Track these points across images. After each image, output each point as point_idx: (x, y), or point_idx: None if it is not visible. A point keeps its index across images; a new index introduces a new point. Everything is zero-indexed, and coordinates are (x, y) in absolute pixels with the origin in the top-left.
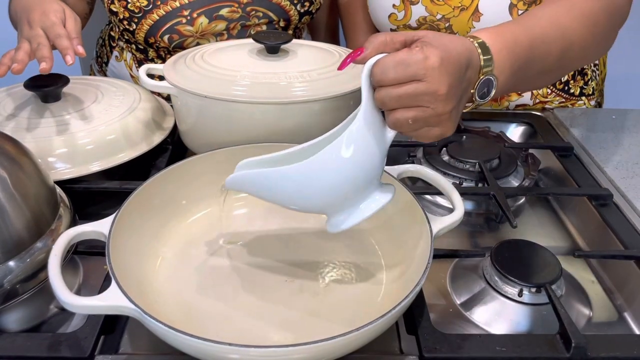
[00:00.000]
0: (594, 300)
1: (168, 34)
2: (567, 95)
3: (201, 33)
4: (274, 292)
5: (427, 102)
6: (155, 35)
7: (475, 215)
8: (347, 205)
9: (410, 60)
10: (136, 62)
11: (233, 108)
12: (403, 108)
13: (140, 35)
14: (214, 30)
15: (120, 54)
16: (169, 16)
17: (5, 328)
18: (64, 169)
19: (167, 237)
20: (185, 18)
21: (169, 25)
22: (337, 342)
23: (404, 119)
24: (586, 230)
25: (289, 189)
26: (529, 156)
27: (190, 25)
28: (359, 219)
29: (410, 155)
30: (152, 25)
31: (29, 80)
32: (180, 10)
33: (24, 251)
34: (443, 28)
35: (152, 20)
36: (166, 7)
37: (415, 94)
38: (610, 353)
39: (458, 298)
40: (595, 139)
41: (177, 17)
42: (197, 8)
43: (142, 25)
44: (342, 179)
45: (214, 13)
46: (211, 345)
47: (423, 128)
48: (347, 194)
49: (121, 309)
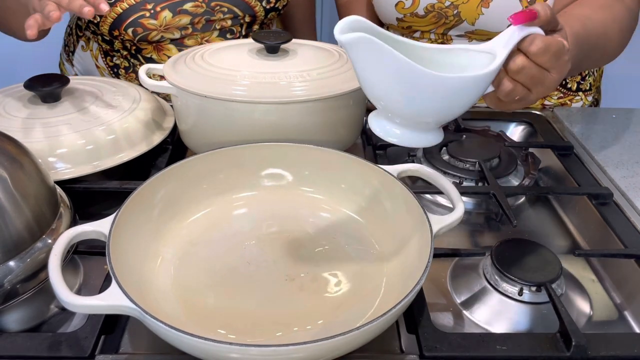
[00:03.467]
0: (594, 299)
1: (132, 27)
2: (565, 90)
3: (165, 27)
4: (274, 291)
5: (543, 92)
6: (119, 28)
7: (475, 215)
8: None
9: (561, 53)
10: (102, 52)
11: (233, 108)
12: (522, 85)
13: (105, 28)
14: (178, 24)
15: (86, 44)
16: (132, 9)
17: (5, 328)
18: (64, 169)
19: (167, 236)
20: (149, 12)
21: (133, 19)
22: (337, 341)
23: (516, 94)
24: (586, 229)
25: (408, 86)
26: (529, 155)
27: (154, 19)
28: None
29: (410, 155)
30: (116, 18)
31: (29, 81)
32: (144, 4)
33: (24, 251)
34: (451, 15)
35: (115, 14)
36: (129, 1)
37: (544, 83)
38: (610, 352)
39: (458, 297)
40: (596, 138)
41: (140, 11)
42: (161, 2)
43: (105, 18)
44: (453, 105)
45: (177, 7)
46: (212, 344)
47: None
48: (438, 118)
49: (122, 308)
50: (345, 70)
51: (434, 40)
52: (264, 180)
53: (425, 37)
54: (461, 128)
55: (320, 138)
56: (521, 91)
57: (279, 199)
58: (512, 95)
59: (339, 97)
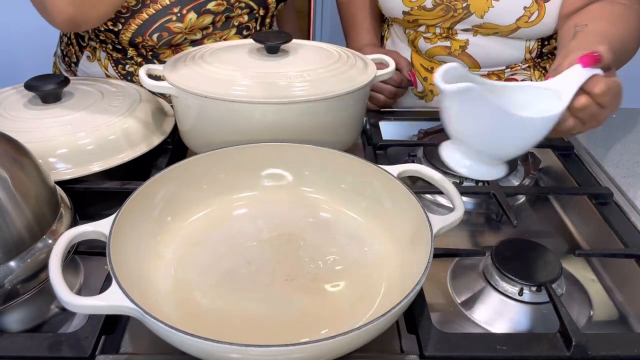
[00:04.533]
0: (594, 299)
1: (157, 32)
2: None
3: (190, 29)
4: (274, 291)
5: (594, 126)
6: (144, 34)
7: (475, 215)
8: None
9: (619, 94)
10: (112, 61)
11: (233, 108)
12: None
13: (126, 35)
14: (202, 24)
15: (92, 54)
16: (158, 15)
17: (6, 328)
18: (65, 170)
19: (168, 237)
20: (176, 15)
21: (159, 24)
22: (337, 341)
23: (574, 130)
24: (586, 229)
25: (499, 129)
26: (529, 155)
27: (180, 22)
28: None
29: (410, 155)
30: (141, 24)
31: (30, 81)
32: (170, 8)
33: (25, 251)
34: (460, 8)
35: (140, 20)
36: (156, 6)
37: (598, 119)
38: (610, 352)
39: (458, 297)
40: (596, 137)
41: (167, 15)
42: (187, 4)
43: (129, 25)
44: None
45: (202, 7)
46: (212, 344)
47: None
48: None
49: (122, 308)
50: (345, 71)
51: (438, 34)
52: (264, 180)
53: (430, 31)
54: None
55: (320, 138)
56: (579, 126)
57: (279, 199)
58: (572, 130)
59: (339, 98)
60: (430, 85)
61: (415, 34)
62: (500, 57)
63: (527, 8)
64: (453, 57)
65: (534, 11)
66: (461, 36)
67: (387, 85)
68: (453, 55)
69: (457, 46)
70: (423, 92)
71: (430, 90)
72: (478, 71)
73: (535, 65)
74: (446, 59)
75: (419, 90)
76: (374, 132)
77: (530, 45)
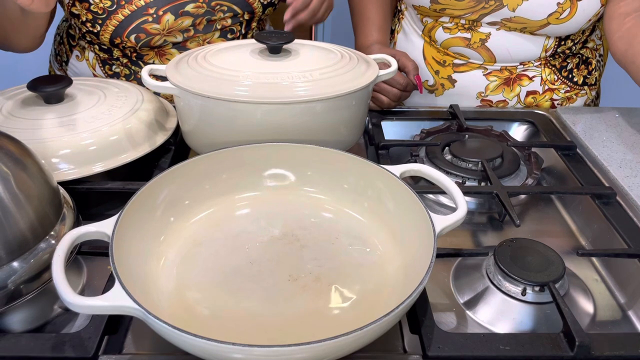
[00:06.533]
0: (597, 298)
1: (134, 34)
2: (571, 83)
3: (168, 30)
4: (277, 291)
5: None
6: (122, 35)
7: (478, 214)
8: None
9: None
10: (99, 61)
11: (235, 108)
12: None
13: (105, 36)
14: (181, 26)
15: (81, 54)
16: (134, 15)
17: (9, 328)
18: (68, 170)
19: (170, 237)
20: (152, 16)
21: (135, 25)
22: (340, 341)
23: None
24: (589, 229)
25: None
26: (532, 155)
27: (157, 23)
28: None
29: (412, 155)
30: (117, 25)
31: (32, 82)
32: (146, 8)
33: (28, 252)
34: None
35: (117, 21)
36: (131, 7)
37: None
38: (614, 352)
39: (461, 297)
40: (599, 137)
41: (142, 16)
42: (163, 5)
43: (106, 26)
44: None
45: (179, 9)
46: (215, 344)
47: None
48: None
49: (125, 309)
50: (348, 71)
51: (461, 25)
52: (267, 180)
53: (454, 22)
54: (464, 128)
55: (322, 138)
56: None
57: (282, 199)
58: None
59: (342, 98)
60: (441, 79)
61: (435, 23)
62: (518, 53)
63: (560, 4)
64: (470, 50)
65: (566, 8)
66: (484, 29)
67: (393, 88)
68: (471, 47)
69: (477, 39)
70: (434, 86)
71: (442, 83)
72: (492, 65)
73: (546, 62)
74: (463, 50)
75: (430, 84)
76: (376, 132)
77: (548, 43)
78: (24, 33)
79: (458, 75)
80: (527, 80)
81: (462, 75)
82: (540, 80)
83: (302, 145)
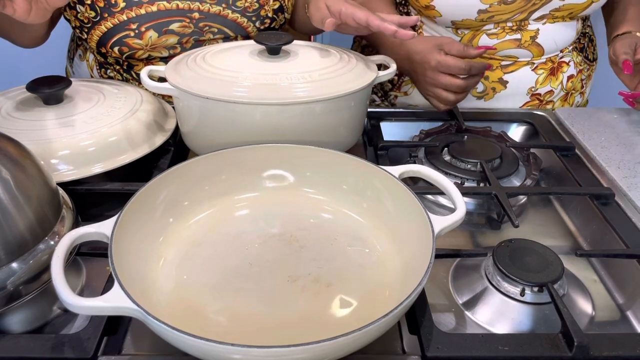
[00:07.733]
0: (596, 299)
1: (117, 46)
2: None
3: (151, 46)
4: (276, 292)
5: None
6: (106, 45)
7: (477, 215)
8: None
9: None
10: (97, 64)
11: (234, 109)
12: None
13: (92, 44)
14: (165, 44)
15: (83, 53)
16: (116, 29)
17: (8, 329)
18: (67, 171)
19: (169, 238)
20: (133, 32)
21: (118, 38)
22: (339, 342)
23: None
24: (588, 230)
25: None
26: (531, 156)
27: (139, 39)
28: None
29: (411, 155)
30: (101, 36)
31: (32, 83)
32: (128, 23)
33: (27, 253)
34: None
35: (100, 32)
36: (113, 20)
37: None
38: (612, 352)
39: (460, 298)
40: (597, 138)
41: (124, 30)
42: (145, 22)
43: (92, 35)
44: None
45: (163, 27)
46: (214, 345)
47: None
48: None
49: (124, 309)
50: (347, 72)
51: (509, 28)
52: (266, 181)
53: (500, 26)
54: (463, 129)
55: (321, 139)
56: None
57: (281, 200)
58: None
59: (341, 98)
60: (492, 83)
61: (475, 32)
62: (561, 40)
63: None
64: (521, 49)
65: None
66: (532, 26)
67: (454, 79)
68: (522, 47)
69: (527, 37)
70: (484, 92)
71: (492, 87)
72: (539, 59)
73: (574, 46)
74: (512, 51)
75: (479, 90)
76: (375, 133)
77: (578, 25)
78: (23, 34)
79: (508, 75)
80: (565, 66)
81: (512, 75)
82: (573, 63)
83: (301, 146)
